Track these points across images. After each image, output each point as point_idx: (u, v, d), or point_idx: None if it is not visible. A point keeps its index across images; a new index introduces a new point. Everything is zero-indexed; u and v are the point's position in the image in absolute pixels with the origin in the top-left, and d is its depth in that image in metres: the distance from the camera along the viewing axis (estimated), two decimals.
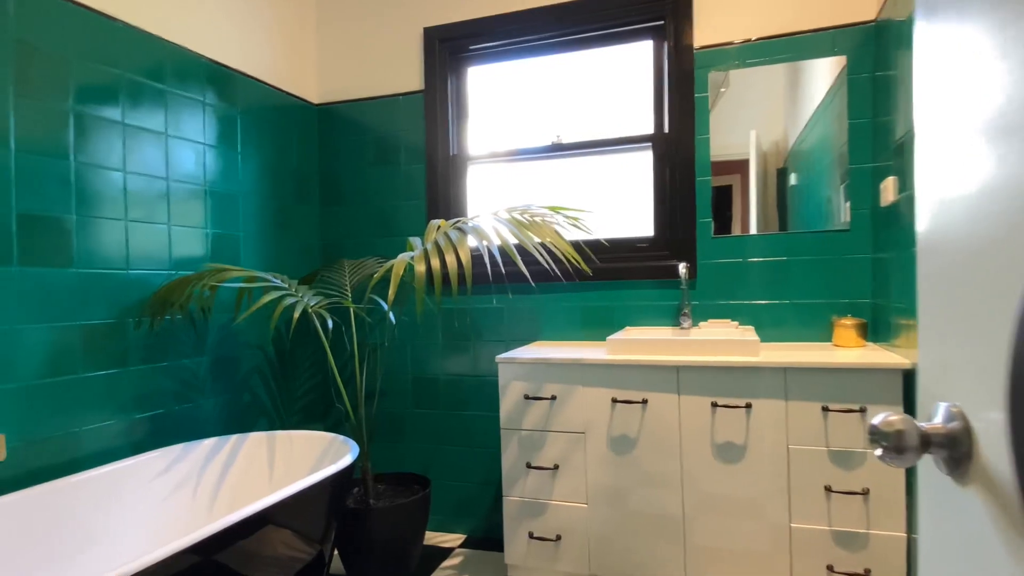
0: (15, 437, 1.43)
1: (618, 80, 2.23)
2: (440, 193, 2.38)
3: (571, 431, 1.76)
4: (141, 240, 1.76)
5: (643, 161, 2.19)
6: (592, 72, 2.27)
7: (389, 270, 1.73)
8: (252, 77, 2.19)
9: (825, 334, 1.93)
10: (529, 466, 1.79)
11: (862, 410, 1.51)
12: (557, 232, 1.68)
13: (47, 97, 1.52)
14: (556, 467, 1.77)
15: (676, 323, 2.08)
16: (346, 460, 1.55)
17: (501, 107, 2.40)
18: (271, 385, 2.26)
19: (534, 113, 2.35)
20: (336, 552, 2.10)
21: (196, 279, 1.76)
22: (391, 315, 2.40)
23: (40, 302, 1.49)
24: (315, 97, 2.54)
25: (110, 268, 1.67)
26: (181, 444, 1.76)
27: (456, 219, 1.84)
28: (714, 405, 1.62)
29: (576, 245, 2.23)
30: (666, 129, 2.13)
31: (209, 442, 1.81)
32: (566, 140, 2.29)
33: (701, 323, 2.03)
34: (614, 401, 1.70)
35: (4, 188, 1.42)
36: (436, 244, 1.65)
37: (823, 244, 1.93)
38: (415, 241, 1.81)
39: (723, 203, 2.02)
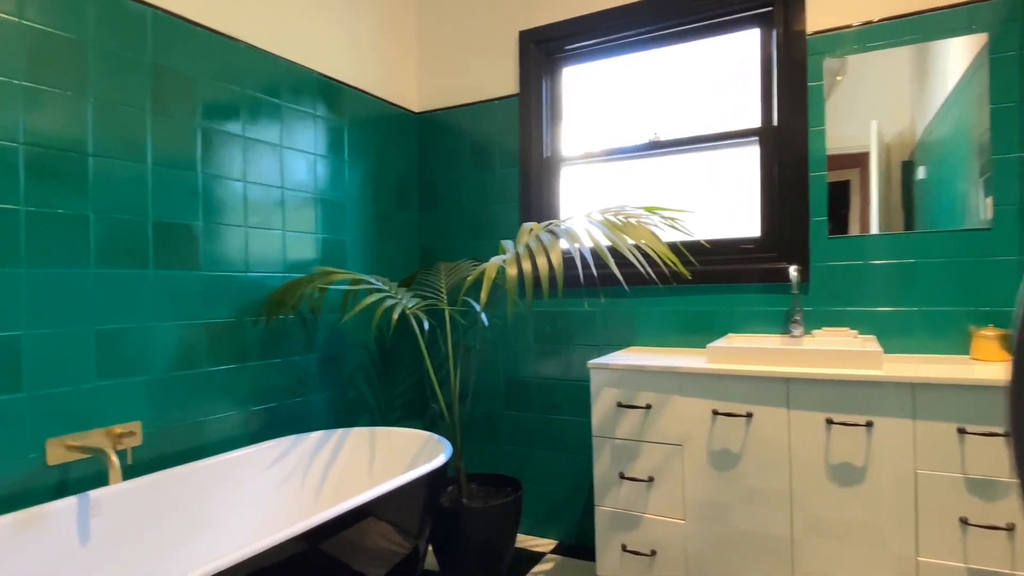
0: (149, 424, 1.59)
1: (720, 73, 2.12)
2: (533, 196, 2.38)
3: (667, 442, 1.69)
4: (259, 245, 1.90)
5: (748, 157, 2.07)
6: (692, 66, 2.17)
7: (482, 273, 1.75)
8: (358, 89, 2.30)
9: (960, 346, 1.72)
10: (622, 476, 1.74)
11: (1007, 434, 1.32)
12: (653, 234, 1.62)
13: (178, 114, 1.67)
14: (651, 479, 1.71)
15: (785, 331, 1.94)
16: (440, 459, 1.58)
17: (596, 106, 2.36)
18: (373, 383, 2.36)
19: (630, 111, 2.29)
20: (431, 548, 2.15)
21: (307, 281, 1.88)
22: (483, 317, 2.43)
23: (171, 302, 1.65)
24: (415, 106, 2.63)
25: (231, 271, 1.81)
26: (292, 436, 1.87)
27: (548, 222, 1.82)
28: (829, 422, 1.49)
29: (674, 247, 2.14)
30: (775, 122, 2.00)
31: (317, 435, 1.92)
32: (664, 137, 2.20)
33: (814, 331, 1.88)
34: (715, 413, 1.61)
35: (142, 198, 1.58)
36: (528, 247, 1.65)
37: (958, 245, 1.72)
38: (507, 244, 1.81)
39: (839, 200, 1.86)
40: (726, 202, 2.11)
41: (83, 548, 1.32)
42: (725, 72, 2.11)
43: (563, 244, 1.61)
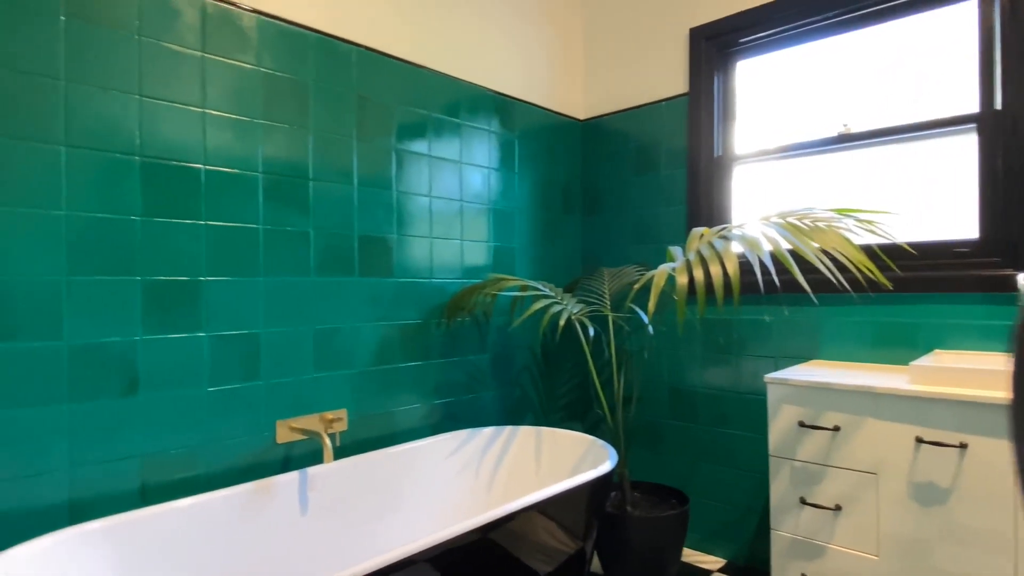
0: (353, 412, 1.82)
1: (921, 56, 1.87)
2: (702, 197, 2.29)
3: (858, 469, 1.54)
4: (440, 253, 2.07)
5: (961, 147, 1.80)
6: (887, 49, 1.95)
7: (650, 281, 1.74)
8: (528, 102, 2.40)
9: None
10: (804, 502, 1.62)
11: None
12: (846, 239, 1.49)
13: (377, 139, 1.89)
14: (838, 507, 1.57)
15: (1010, 349, 1.66)
16: (606, 466, 1.60)
17: (774, 100, 2.21)
18: (538, 383, 2.45)
19: (815, 103, 2.11)
20: (596, 553, 2.18)
21: (480, 287, 2.01)
22: (650, 327, 2.40)
23: (371, 305, 1.87)
24: (581, 113, 2.68)
25: (418, 278, 2.00)
26: (467, 430, 2.02)
27: (721, 226, 1.75)
28: None
29: (869, 251, 1.94)
30: (998, 105, 1.72)
31: (489, 430, 2.04)
32: (856, 129, 2.00)
33: None
34: (919, 441, 1.44)
35: (349, 215, 1.81)
36: (699, 254, 1.60)
37: None
38: (675, 251, 1.78)
39: None
40: (932, 200, 1.86)
41: (302, 517, 1.56)
42: (927, 54, 1.86)
43: (737, 249, 1.54)
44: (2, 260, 1.23)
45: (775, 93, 2.21)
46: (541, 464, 1.98)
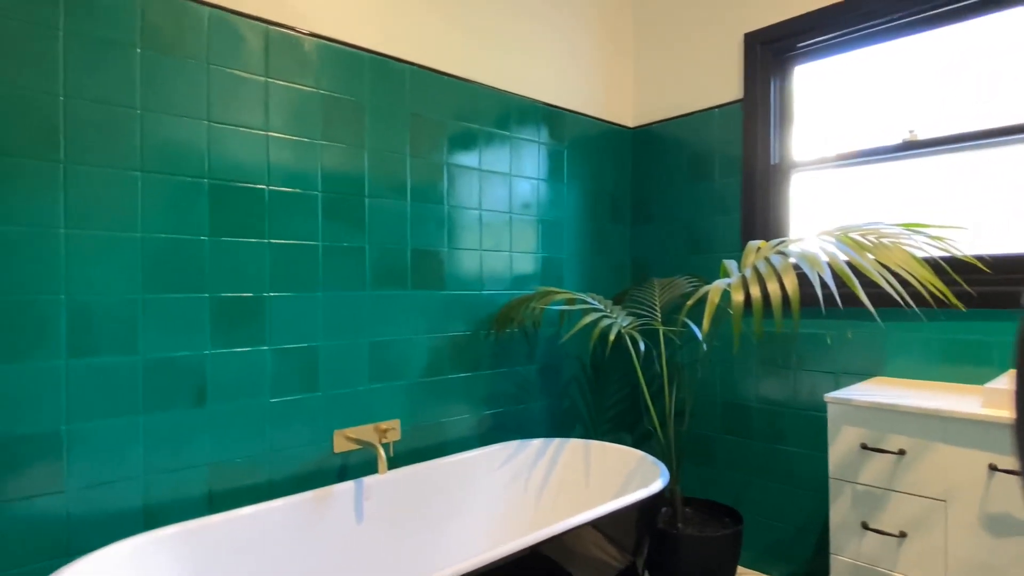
0: (406, 422, 1.86)
1: (995, 55, 1.77)
2: (758, 206, 2.24)
3: (926, 496, 1.47)
4: (490, 265, 2.09)
5: None
6: (957, 50, 1.85)
7: (704, 296, 1.71)
8: (577, 112, 2.40)
9: None
10: (866, 527, 1.56)
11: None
12: (914, 257, 1.43)
13: (429, 155, 1.92)
14: (902, 534, 1.50)
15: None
16: (657, 484, 1.59)
17: (834, 106, 2.13)
18: (586, 393, 2.44)
19: (878, 108, 2.03)
20: (647, 571, 2.16)
21: (528, 300, 2.02)
22: (704, 345, 2.36)
23: (423, 318, 1.90)
24: (631, 121, 2.65)
25: (469, 290, 2.03)
26: (516, 441, 2.03)
27: (778, 240, 1.71)
28: None
29: (936, 266, 1.85)
30: None
31: (538, 442, 2.05)
32: (922, 136, 1.91)
33: None
34: (993, 468, 1.36)
35: (403, 229, 1.85)
36: (755, 270, 1.56)
37: None
38: (730, 265, 1.74)
39: None
40: (1007, 210, 1.76)
41: (358, 526, 1.61)
42: (1000, 55, 1.76)
43: (794, 263, 1.50)
44: (86, 281, 1.31)
45: (835, 98, 2.13)
46: (590, 478, 1.98)
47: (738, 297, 1.49)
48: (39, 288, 1.26)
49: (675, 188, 2.50)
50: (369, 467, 1.78)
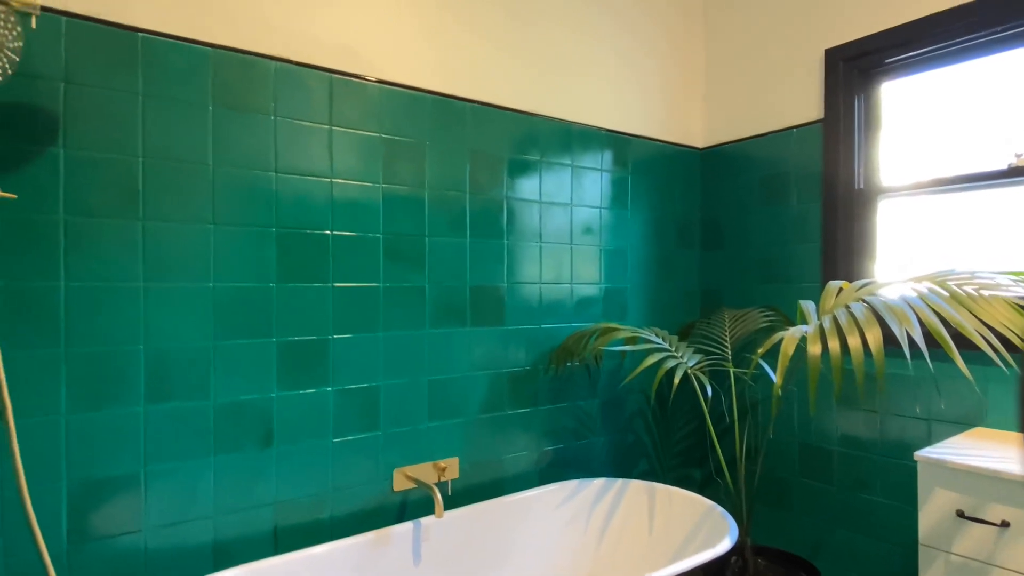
0: (464, 460, 1.86)
1: None
2: (840, 234, 2.08)
3: None
4: (550, 298, 2.06)
5: None
6: None
7: (777, 344, 1.61)
8: (642, 136, 2.32)
9: None
10: None
11: None
12: (1018, 309, 1.27)
13: (489, 191, 1.91)
14: None
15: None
16: (725, 544, 1.50)
17: (928, 126, 1.95)
18: (651, 428, 2.36)
19: (979, 129, 1.83)
20: None
21: (589, 334, 1.97)
22: (779, 389, 2.22)
23: (481, 354, 1.90)
24: (700, 142, 2.54)
25: (528, 324, 2.00)
26: (576, 480, 1.99)
27: (862, 282, 1.58)
28: None
29: None
30: None
31: (599, 483, 2.00)
32: None
33: None
34: None
35: (462, 266, 1.85)
36: (835, 321, 1.45)
37: None
38: (808, 308, 1.63)
39: None
40: None
41: (415, 568, 1.62)
42: None
43: (880, 310, 1.37)
44: (162, 331, 1.39)
45: (929, 118, 1.95)
46: (654, 525, 1.90)
47: (814, 351, 1.39)
48: (121, 339, 1.34)
49: (748, 212, 2.37)
50: (428, 504, 1.79)
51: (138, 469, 1.36)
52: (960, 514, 1.42)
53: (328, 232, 1.61)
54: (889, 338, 1.94)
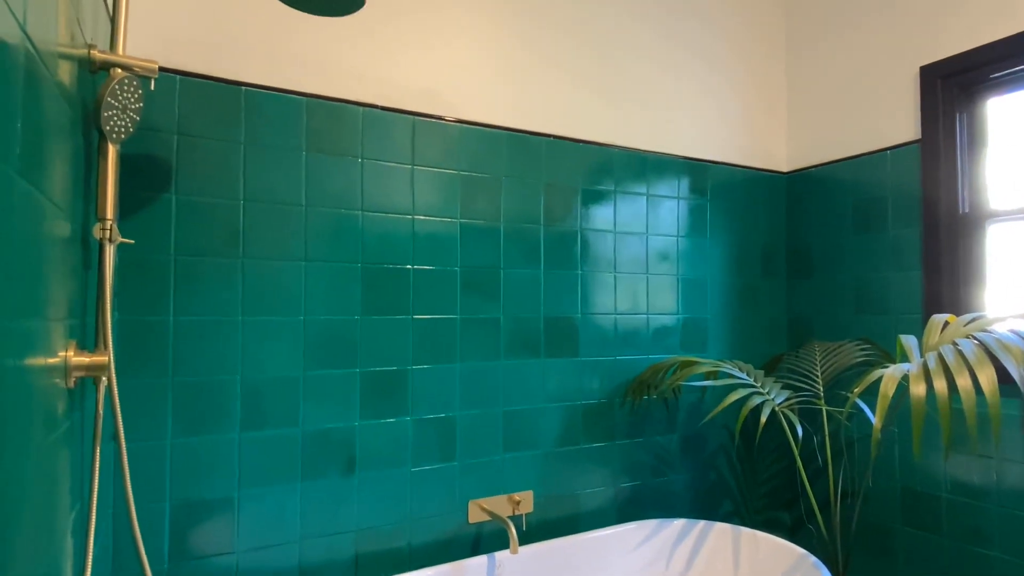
0: (539, 493, 1.84)
1: None
2: (943, 262, 1.93)
3: None
4: (626, 329, 2.02)
5: None
6: None
7: (874, 382, 1.50)
8: (721, 163, 2.26)
9: None
10: None
11: None
12: None
13: (563, 222, 1.92)
14: None
15: None
16: None
17: None
18: (735, 467, 2.25)
19: None
20: None
21: (668, 367, 1.91)
22: (878, 432, 2.07)
23: (556, 386, 1.89)
24: (784, 165, 2.44)
25: (603, 356, 1.97)
26: (656, 520, 1.92)
27: (971, 316, 1.45)
28: None
29: None
30: None
31: (679, 523, 1.92)
32: None
33: None
34: None
35: (536, 298, 1.86)
36: (941, 358, 1.33)
37: None
38: (909, 343, 1.51)
39: None
40: None
41: None
42: None
43: (992, 347, 1.25)
44: (257, 362, 1.48)
45: None
46: (739, 572, 1.80)
47: (918, 391, 1.28)
48: (221, 369, 1.44)
49: (839, 238, 2.25)
50: (502, 537, 1.78)
51: (232, 493, 1.44)
52: None
53: (409, 267, 1.67)
54: (1003, 375, 1.76)
